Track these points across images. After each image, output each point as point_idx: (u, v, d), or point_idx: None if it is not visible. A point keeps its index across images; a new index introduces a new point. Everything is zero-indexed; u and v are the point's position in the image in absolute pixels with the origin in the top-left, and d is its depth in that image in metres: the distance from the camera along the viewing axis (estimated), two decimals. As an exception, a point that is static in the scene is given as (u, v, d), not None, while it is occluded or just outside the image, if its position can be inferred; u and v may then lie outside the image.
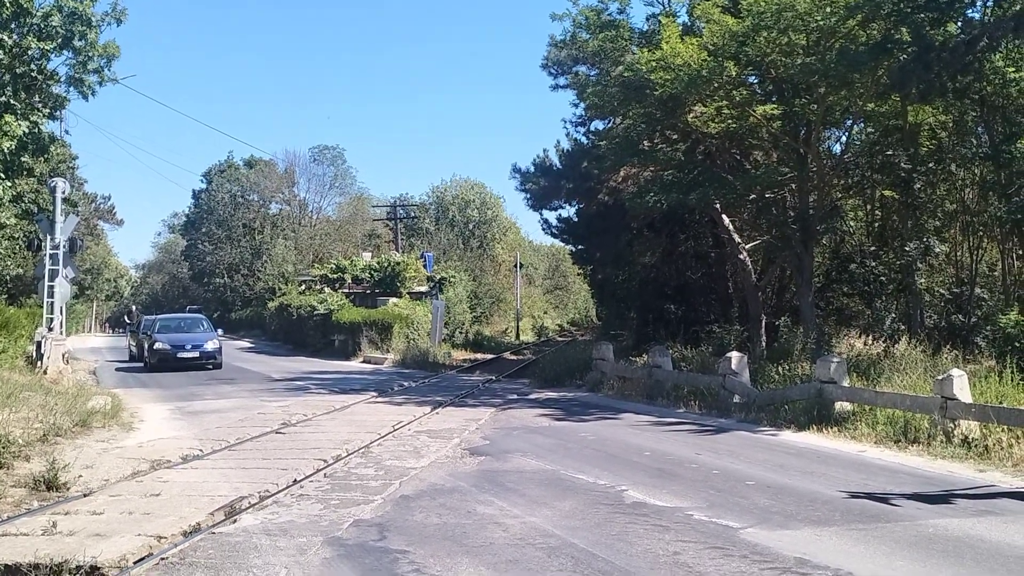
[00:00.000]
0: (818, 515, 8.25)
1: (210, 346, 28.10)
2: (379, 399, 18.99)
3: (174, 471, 10.68)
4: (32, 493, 9.15)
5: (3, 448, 10.47)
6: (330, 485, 9.80)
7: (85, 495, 9.15)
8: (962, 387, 11.80)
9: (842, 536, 7.51)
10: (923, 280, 23.42)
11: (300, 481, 9.95)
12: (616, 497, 9.14)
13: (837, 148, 24.37)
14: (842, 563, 6.65)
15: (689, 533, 7.64)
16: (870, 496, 8.99)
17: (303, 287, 46.48)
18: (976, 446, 11.15)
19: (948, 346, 18.03)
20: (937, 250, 23.85)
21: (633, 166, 24.96)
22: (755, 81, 21.02)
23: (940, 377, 12.20)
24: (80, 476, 9.86)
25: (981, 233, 23.54)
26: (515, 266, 61.64)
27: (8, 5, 18.60)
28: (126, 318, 37.80)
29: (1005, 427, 11.15)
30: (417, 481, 9.99)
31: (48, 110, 20.94)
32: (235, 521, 8.16)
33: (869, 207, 25.90)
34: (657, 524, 7.95)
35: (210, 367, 27.53)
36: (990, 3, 18.04)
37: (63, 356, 21.31)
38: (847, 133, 23.83)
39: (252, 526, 7.97)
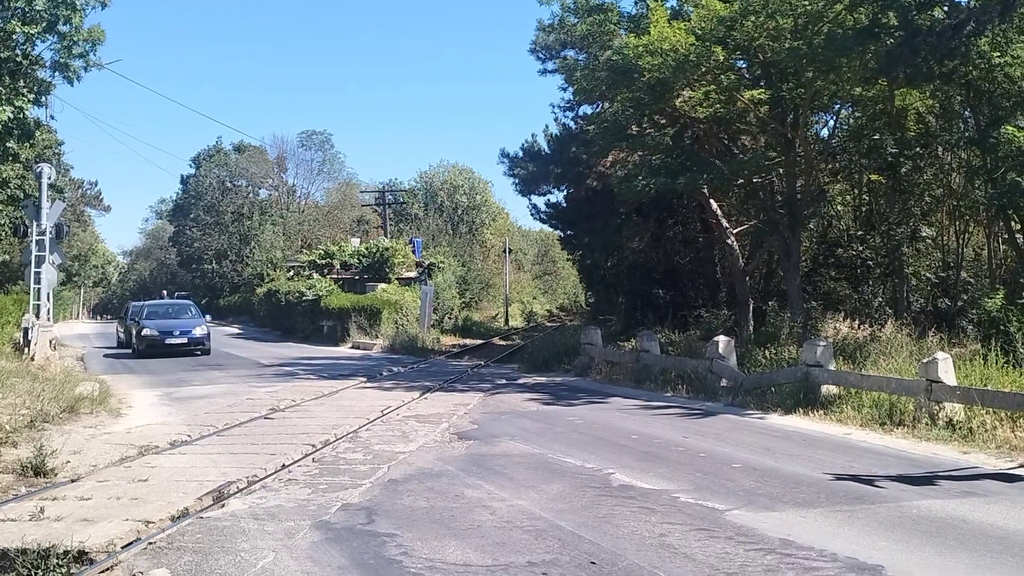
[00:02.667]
0: (803, 497, 8.31)
1: (198, 332, 28.04)
2: (368, 384, 19.01)
3: (162, 456, 10.68)
4: (20, 479, 9.14)
5: (-10, 434, 10.46)
6: (318, 470, 9.82)
7: (73, 481, 9.14)
8: (947, 370, 11.89)
9: (826, 517, 7.57)
10: (910, 264, 23.54)
11: (288, 466, 9.96)
12: (603, 480, 9.19)
13: (824, 132, 24.48)
14: (826, 544, 6.71)
15: (675, 515, 7.69)
16: (855, 478, 9.06)
17: (292, 273, 46.35)
18: (960, 428, 11.25)
19: (934, 329, 18.14)
20: (924, 234, 23.98)
21: (621, 151, 24.99)
22: (743, 66, 21.03)
23: (925, 360, 12.29)
24: (68, 462, 9.85)
25: (967, 217, 23.67)
26: (504, 251, 61.63)
27: (-9, -11, 18.47)
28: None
29: (989, 409, 11.26)
30: (405, 465, 10.02)
31: (33, 95, 20.75)
32: (223, 506, 8.17)
33: (856, 191, 26.00)
34: (643, 506, 8.00)
35: (198, 353, 27.47)
36: (977, -13, 18.06)
37: (50, 342, 21.23)
38: (834, 117, 23.95)
39: (240, 511, 7.98)
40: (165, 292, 42.89)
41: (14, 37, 19.82)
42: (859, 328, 19.83)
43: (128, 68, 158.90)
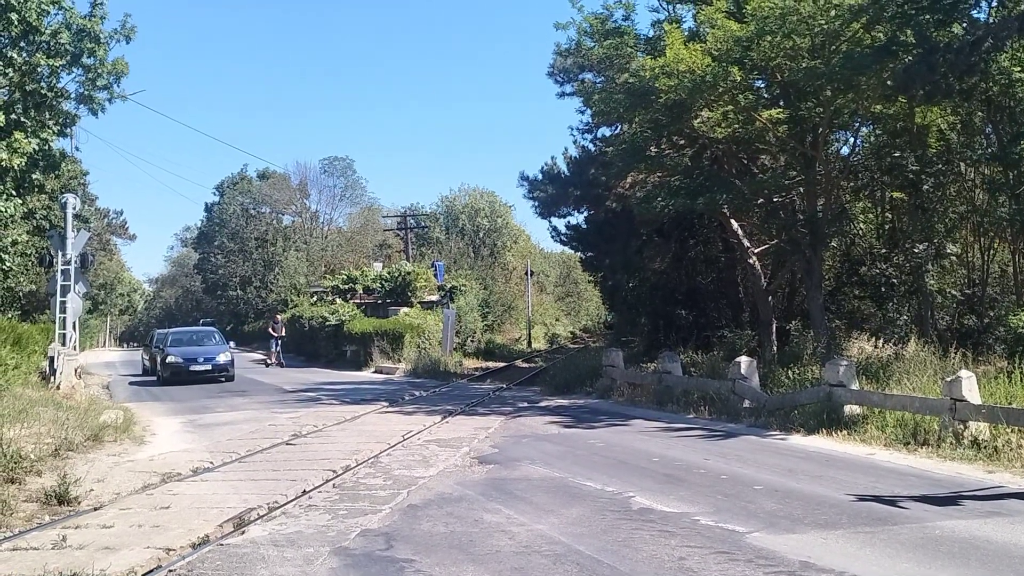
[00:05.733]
0: (825, 518, 8.24)
1: (222, 359, 28.20)
2: (390, 409, 19.04)
3: (184, 484, 10.75)
4: (43, 508, 9.22)
5: (15, 463, 10.56)
6: (338, 495, 9.84)
7: (95, 509, 9.21)
8: (971, 388, 11.77)
9: (848, 539, 7.50)
10: (934, 282, 23.32)
11: (309, 492, 9.99)
12: (623, 503, 9.15)
13: (845, 151, 24.34)
14: (847, 566, 6.64)
15: (695, 538, 7.64)
16: (878, 499, 8.98)
17: (315, 298, 46.66)
18: (985, 447, 11.13)
19: (960, 347, 17.94)
20: (949, 251, 23.75)
21: (640, 172, 24.96)
22: (761, 85, 20.98)
23: (949, 379, 12.16)
24: (91, 490, 9.94)
25: (992, 234, 23.43)
26: (526, 274, 61.68)
27: (17, 23, 18.74)
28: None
29: (1015, 428, 11.11)
30: (425, 490, 10.02)
31: (58, 127, 21.04)
32: (243, 532, 8.20)
33: (879, 209, 25.82)
34: (663, 530, 7.96)
35: (223, 380, 27.63)
36: (994, 3, 18.01)
37: (76, 371, 21.43)
38: (855, 135, 23.80)
39: (260, 537, 8.01)
40: (281, 318, 40.24)
41: (39, 70, 20.12)
42: (883, 347, 19.67)
43: (152, 98, 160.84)
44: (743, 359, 16.71)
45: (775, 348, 22.06)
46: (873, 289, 24.57)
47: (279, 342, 36.62)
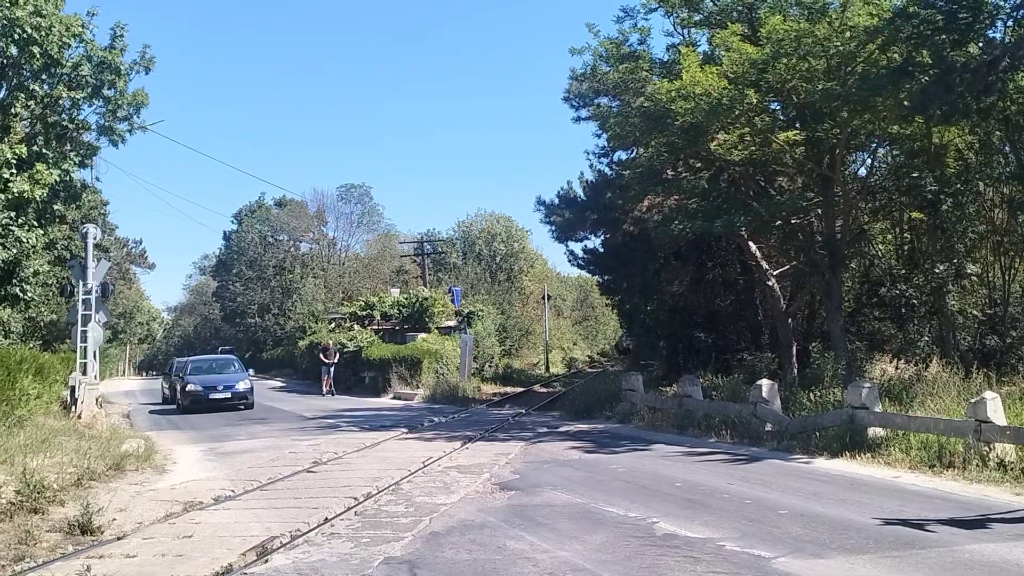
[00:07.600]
0: (851, 543, 8.15)
1: (242, 387, 28.23)
2: (409, 435, 19.00)
3: (206, 512, 10.75)
4: (67, 537, 9.23)
5: (38, 493, 10.58)
6: (361, 523, 9.81)
7: (119, 538, 9.22)
8: (996, 409, 11.65)
9: (876, 564, 7.42)
10: (955, 302, 23.16)
11: (331, 519, 9.97)
12: (647, 529, 9.09)
13: (863, 171, 24.27)
14: (876, 592, 6.57)
15: (720, 564, 7.57)
16: (904, 523, 8.88)
17: (333, 325, 46.70)
18: (1012, 469, 11.01)
19: (983, 368, 17.78)
20: (969, 271, 23.60)
21: (657, 195, 24.98)
22: (777, 108, 20.99)
23: (973, 400, 12.06)
24: (114, 519, 9.95)
25: (1012, 253, 23.29)
26: (543, 298, 61.64)
27: (39, 56, 18.98)
28: None
29: (1041, 449, 11.00)
30: (447, 517, 9.98)
31: (79, 158, 21.25)
32: (266, 561, 8.19)
33: (898, 230, 25.71)
34: (688, 555, 7.89)
35: (242, 407, 27.64)
36: (1011, 23, 17.96)
37: (97, 400, 21.50)
38: (872, 156, 23.74)
39: (283, 566, 7.99)
40: (332, 344, 37.05)
41: (61, 102, 20.38)
42: (904, 368, 19.50)
43: (171, 127, 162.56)
44: (764, 382, 16.62)
45: (796, 371, 21.93)
46: (893, 310, 24.40)
47: (331, 369, 35.36)
